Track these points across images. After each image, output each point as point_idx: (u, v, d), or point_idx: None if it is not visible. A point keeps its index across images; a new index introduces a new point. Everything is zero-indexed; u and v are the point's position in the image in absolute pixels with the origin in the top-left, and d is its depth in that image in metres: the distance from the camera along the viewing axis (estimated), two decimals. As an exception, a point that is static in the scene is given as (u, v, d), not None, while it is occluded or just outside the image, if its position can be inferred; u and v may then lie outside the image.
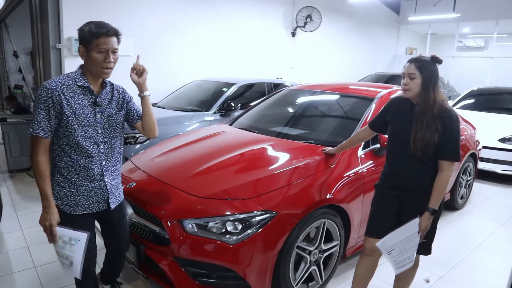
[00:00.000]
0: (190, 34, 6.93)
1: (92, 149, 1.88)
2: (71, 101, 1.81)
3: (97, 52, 1.79)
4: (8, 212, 3.84)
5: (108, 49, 1.81)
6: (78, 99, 1.83)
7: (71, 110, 1.80)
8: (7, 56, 10.55)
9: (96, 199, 1.96)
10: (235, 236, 2.12)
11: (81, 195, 1.91)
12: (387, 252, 2.05)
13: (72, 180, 1.88)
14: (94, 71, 1.85)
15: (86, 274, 2.03)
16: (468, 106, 6.83)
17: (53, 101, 1.76)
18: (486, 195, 5.08)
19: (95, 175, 1.92)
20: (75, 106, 1.81)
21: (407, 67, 2.05)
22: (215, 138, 3.35)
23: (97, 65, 1.81)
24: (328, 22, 9.33)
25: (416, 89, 2.02)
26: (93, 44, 1.78)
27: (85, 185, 1.91)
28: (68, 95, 1.80)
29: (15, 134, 5.14)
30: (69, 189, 1.89)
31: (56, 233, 1.84)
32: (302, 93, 4.01)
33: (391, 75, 9.36)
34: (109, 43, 1.80)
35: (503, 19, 10.79)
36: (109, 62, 1.82)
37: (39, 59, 5.37)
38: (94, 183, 1.92)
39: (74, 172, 1.88)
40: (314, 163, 2.63)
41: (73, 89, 1.83)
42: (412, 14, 11.54)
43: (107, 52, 1.81)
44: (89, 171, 1.89)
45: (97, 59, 1.80)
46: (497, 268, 3.17)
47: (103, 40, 1.79)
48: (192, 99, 5.55)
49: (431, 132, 1.98)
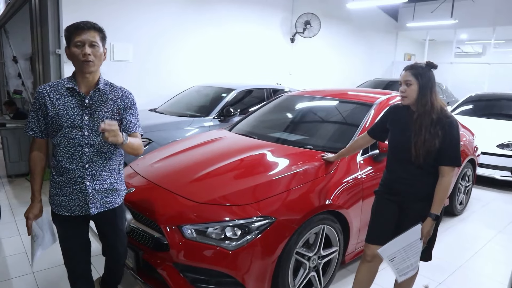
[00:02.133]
0: (189, 39, 6.96)
1: (74, 150, 1.87)
2: (56, 102, 1.85)
3: (74, 46, 1.81)
4: (6, 217, 3.82)
5: (84, 41, 1.80)
6: (64, 100, 1.86)
7: (54, 111, 1.84)
8: (6, 61, 10.55)
9: (78, 202, 1.92)
10: (234, 242, 2.12)
11: (63, 195, 1.92)
12: (389, 259, 2.04)
13: (57, 180, 1.93)
14: (77, 67, 1.86)
15: (73, 275, 2.07)
16: (466, 112, 6.85)
17: (39, 102, 1.86)
18: (485, 201, 5.08)
19: (76, 177, 1.89)
20: (59, 107, 1.84)
21: (403, 74, 2.08)
22: (214, 144, 3.36)
23: (76, 59, 1.82)
24: (326, 28, 9.38)
25: (414, 96, 2.05)
26: (72, 41, 1.82)
27: (67, 187, 1.91)
28: (54, 97, 1.85)
29: (14, 139, 5.14)
30: (55, 189, 1.94)
31: (29, 225, 1.99)
32: (301, 99, 4.02)
33: (389, 81, 9.39)
34: (84, 36, 1.80)
35: (501, 25, 10.87)
36: (85, 54, 1.80)
37: (38, 64, 5.38)
38: (75, 185, 1.90)
39: (59, 172, 1.92)
40: (313, 169, 2.63)
41: (60, 91, 1.87)
42: (410, 20, 11.61)
43: (83, 45, 1.80)
44: (69, 172, 1.89)
45: (74, 53, 1.81)
46: (496, 274, 3.16)
47: (79, 33, 1.80)
48: (191, 104, 5.56)
49: (432, 137, 2.00)
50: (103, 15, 5.59)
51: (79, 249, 2.05)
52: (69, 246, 2.03)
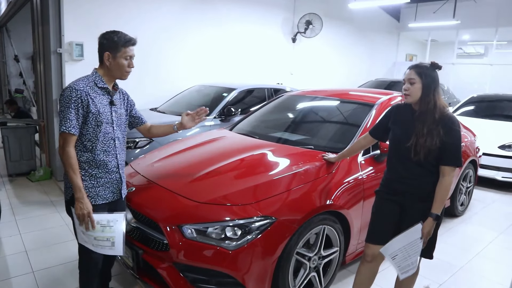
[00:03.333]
0: (190, 39, 6.95)
1: (110, 144, 2.11)
2: (95, 100, 2.03)
3: (124, 59, 2.07)
4: (6, 216, 3.82)
5: (132, 56, 2.11)
6: (100, 98, 2.06)
7: (96, 109, 2.02)
8: (8, 61, 10.59)
9: (112, 189, 2.16)
10: (234, 241, 2.11)
11: (101, 186, 2.10)
12: (391, 257, 2.05)
13: (92, 173, 2.08)
14: (118, 75, 2.11)
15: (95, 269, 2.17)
16: (468, 113, 6.83)
17: (82, 100, 1.98)
18: (486, 202, 5.07)
19: (112, 167, 2.14)
20: (99, 105, 2.04)
21: (408, 73, 2.09)
22: (215, 143, 3.35)
23: (122, 69, 2.09)
24: (328, 28, 9.36)
25: (417, 94, 2.05)
26: (121, 52, 2.05)
27: (104, 177, 2.11)
28: (93, 95, 2.03)
29: (15, 138, 5.14)
30: (90, 182, 2.07)
31: (93, 220, 2.00)
32: (302, 98, 4.02)
33: (391, 81, 9.37)
34: (133, 51, 2.11)
35: (503, 26, 10.83)
36: (131, 67, 2.12)
37: (40, 64, 5.39)
38: (111, 175, 2.14)
39: (94, 165, 2.07)
40: (314, 169, 2.62)
41: (95, 90, 2.05)
42: (412, 21, 11.58)
43: (131, 59, 2.10)
44: (107, 164, 2.11)
45: (123, 65, 2.08)
46: (497, 276, 3.15)
47: (130, 48, 2.08)
48: (192, 104, 5.54)
49: (433, 137, 2.00)
50: (104, 14, 5.58)
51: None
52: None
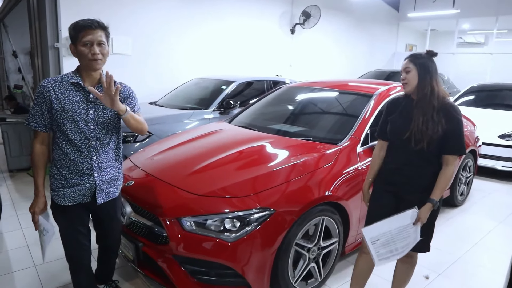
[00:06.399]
0: (188, 32, 6.92)
1: (82, 143, 1.94)
2: (61, 96, 1.89)
3: (82, 45, 1.85)
4: (8, 211, 3.84)
5: (92, 41, 1.85)
6: (69, 95, 1.91)
7: (59, 105, 1.88)
8: (6, 56, 10.54)
9: (83, 192, 2.00)
10: (233, 233, 2.12)
11: (69, 187, 1.97)
12: (371, 241, 2.00)
13: (63, 173, 1.96)
14: (85, 65, 1.91)
15: (77, 265, 2.12)
16: (468, 102, 6.81)
17: (44, 96, 1.88)
18: (486, 192, 5.08)
19: (84, 169, 1.97)
20: (64, 101, 1.89)
21: (403, 63, 2.11)
22: (214, 136, 3.35)
23: (84, 58, 1.87)
24: (327, 19, 9.31)
25: (414, 82, 2.05)
26: (79, 39, 1.85)
27: (74, 179, 1.96)
28: (59, 91, 1.89)
29: (15, 134, 5.14)
30: (60, 181, 1.97)
31: (37, 220, 2.01)
32: (301, 90, 4.00)
33: (390, 72, 9.33)
34: (92, 35, 1.85)
35: (503, 15, 10.74)
36: (94, 54, 1.86)
37: (37, 59, 5.37)
38: (83, 177, 1.98)
39: (64, 165, 1.95)
40: (313, 160, 2.62)
41: (64, 86, 1.91)
42: (412, 10, 11.50)
43: (91, 44, 1.86)
44: (78, 165, 1.95)
45: (83, 52, 1.86)
46: (496, 265, 3.17)
47: (87, 33, 1.85)
48: (191, 97, 5.54)
49: (435, 124, 1.98)
50: (102, 8, 5.55)
51: (81, 237, 2.08)
52: (71, 235, 2.06)
